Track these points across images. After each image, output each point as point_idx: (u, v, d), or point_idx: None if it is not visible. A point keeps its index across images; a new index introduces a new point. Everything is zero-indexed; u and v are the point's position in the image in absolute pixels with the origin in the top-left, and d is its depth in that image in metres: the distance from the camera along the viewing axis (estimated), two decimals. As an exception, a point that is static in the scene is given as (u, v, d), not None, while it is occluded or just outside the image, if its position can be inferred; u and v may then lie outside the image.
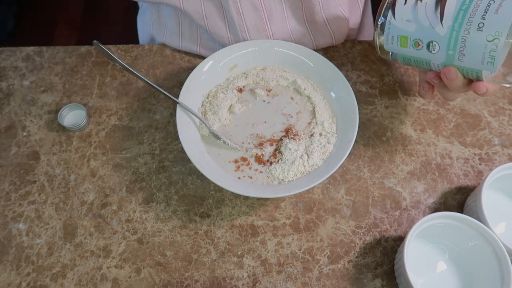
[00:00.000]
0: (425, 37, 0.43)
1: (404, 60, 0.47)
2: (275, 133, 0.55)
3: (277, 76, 0.59)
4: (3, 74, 0.63)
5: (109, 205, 0.52)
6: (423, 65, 0.46)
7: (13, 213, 0.52)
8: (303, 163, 0.51)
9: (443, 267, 0.48)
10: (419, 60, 0.45)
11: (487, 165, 0.56)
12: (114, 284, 0.48)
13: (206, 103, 0.56)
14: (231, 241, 0.50)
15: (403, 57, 0.47)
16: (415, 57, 0.45)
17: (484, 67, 0.40)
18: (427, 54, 0.44)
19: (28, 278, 0.48)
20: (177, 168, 0.55)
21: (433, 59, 0.43)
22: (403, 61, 0.47)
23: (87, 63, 0.64)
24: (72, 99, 0.60)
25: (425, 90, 0.50)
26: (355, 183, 0.54)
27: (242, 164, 0.52)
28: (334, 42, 0.64)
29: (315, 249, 0.50)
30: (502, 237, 0.44)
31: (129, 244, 0.50)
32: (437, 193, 0.54)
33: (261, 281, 0.48)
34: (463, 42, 0.40)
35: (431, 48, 0.43)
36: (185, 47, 0.65)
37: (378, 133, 0.58)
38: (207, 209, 0.52)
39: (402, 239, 0.51)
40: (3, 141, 0.57)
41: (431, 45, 0.43)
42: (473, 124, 0.59)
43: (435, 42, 0.42)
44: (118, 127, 0.58)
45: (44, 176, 0.54)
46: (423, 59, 0.45)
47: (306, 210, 0.52)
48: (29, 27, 1.56)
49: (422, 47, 0.43)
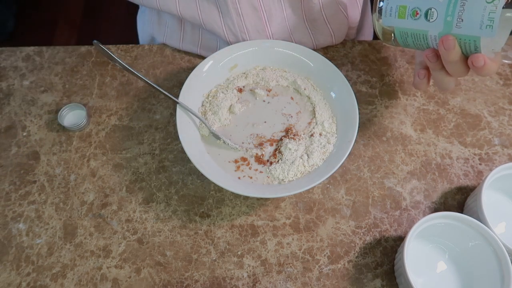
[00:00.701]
0: (424, 4, 0.42)
1: (402, 36, 0.46)
2: (275, 133, 0.55)
3: (277, 76, 0.59)
4: (3, 74, 0.63)
5: (109, 205, 0.52)
6: (420, 40, 0.45)
7: (13, 213, 0.52)
8: (303, 163, 0.51)
9: (443, 267, 0.48)
10: (416, 34, 0.44)
11: (487, 165, 0.56)
12: (114, 284, 0.48)
13: (206, 103, 0.56)
14: (231, 241, 0.50)
15: (401, 32, 0.46)
16: (413, 30, 0.44)
17: (482, 32, 0.39)
18: (425, 24, 0.43)
19: (28, 278, 0.48)
20: (177, 168, 0.55)
21: (431, 29, 0.43)
22: (401, 38, 0.46)
23: (87, 63, 0.64)
24: (72, 99, 0.60)
25: (420, 78, 0.48)
26: (355, 183, 0.54)
27: (242, 164, 0.52)
28: (334, 41, 0.64)
29: (315, 249, 0.50)
30: (502, 237, 0.44)
31: (129, 244, 0.50)
32: (437, 193, 0.54)
33: (261, 281, 0.48)
34: (462, 6, 0.39)
35: (429, 16, 0.42)
36: (186, 47, 0.65)
37: (378, 133, 0.58)
38: (207, 209, 0.52)
39: (402, 239, 0.51)
40: (3, 141, 0.57)
41: (429, 12, 0.42)
42: (473, 124, 0.59)
43: (434, 9, 0.41)
44: (118, 127, 0.58)
45: (44, 176, 0.54)
46: (421, 31, 0.44)
47: (306, 210, 0.52)
48: (29, 27, 1.56)
49: (420, 16, 0.43)
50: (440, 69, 0.45)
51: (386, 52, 0.65)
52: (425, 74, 0.48)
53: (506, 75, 0.63)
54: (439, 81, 0.46)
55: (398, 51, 0.65)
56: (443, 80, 0.46)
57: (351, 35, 0.71)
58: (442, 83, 0.46)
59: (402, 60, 0.65)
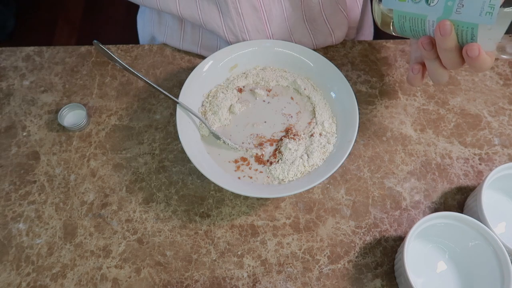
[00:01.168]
0: None
1: (399, 20, 0.45)
2: (275, 133, 0.55)
3: (277, 76, 0.59)
4: (3, 74, 0.63)
5: (109, 205, 0.52)
6: (417, 26, 0.44)
7: (13, 213, 0.52)
8: (303, 163, 0.51)
9: (443, 267, 0.48)
10: (414, 19, 0.44)
11: (487, 165, 0.56)
12: (114, 284, 0.48)
13: (206, 103, 0.56)
14: (231, 241, 0.50)
15: (399, 16, 0.45)
16: (412, 14, 0.43)
17: (482, 19, 0.38)
18: (425, 8, 0.42)
19: (28, 278, 0.48)
20: (177, 168, 0.55)
21: (430, 13, 0.42)
22: (398, 22, 0.46)
23: (87, 63, 0.64)
24: (72, 99, 0.60)
25: (414, 73, 0.47)
26: (355, 183, 0.54)
27: (242, 164, 0.52)
28: (334, 41, 0.64)
29: (315, 249, 0.50)
30: (502, 237, 0.44)
31: (129, 244, 0.50)
32: (437, 193, 0.54)
33: (261, 281, 0.48)
34: None
35: (430, 0, 0.41)
36: (186, 47, 0.65)
37: (378, 133, 0.58)
38: (207, 209, 0.52)
39: (402, 239, 0.51)
40: (3, 141, 0.57)
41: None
42: (473, 124, 0.59)
43: None
44: (118, 127, 0.58)
45: (44, 176, 0.54)
46: (419, 15, 0.43)
47: (306, 210, 0.52)
48: (29, 27, 1.56)
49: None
50: (435, 59, 0.44)
51: (386, 52, 0.65)
52: (419, 69, 0.47)
53: (506, 75, 0.63)
54: (433, 71, 0.45)
55: (398, 51, 0.65)
56: (437, 71, 0.45)
57: (351, 35, 0.71)
58: (436, 74, 0.45)
59: (402, 60, 0.65)
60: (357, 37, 0.76)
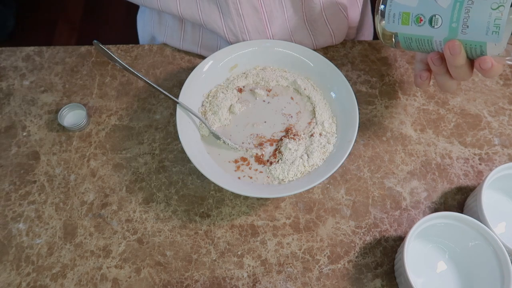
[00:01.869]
0: (427, 11, 0.42)
1: (405, 41, 0.46)
2: (275, 133, 0.55)
3: (277, 76, 0.59)
4: (3, 74, 0.63)
5: (109, 205, 0.52)
6: (424, 45, 0.44)
7: (13, 213, 0.52)
8: (303, 163, 0.51)
9: (443, 267, 0.48)
10: (420, 39, 0.44)
11: (487, 165, 0.56)
12: (114, 284, 0.48)
13: (206, 103, 0.56)
14: (231, 241, 0.50)
15: (404, 37, 0.45)
16: (417, 36, 0.44)
17: (488, 38, 0.39)
18: (429, 30, 0.42)
19: (28, 278, 0.48)
20: (177, 168, 0.55)
21: (436, 34, 0.42)
22: (404, 42, 0.46)
23: (87, 63, 0.64)
24: (72, 99, 0.60)
25: (423, 80, 0.48)
26: (355, 183, 0.54)
27: (242, 164, 0.52)
28: (334, 41, 0.64)
29: (315, 249, 0.50)
30: (502, 237, 0.44)
31: (129, 244, 0.50)
32: (437, 193, 0.54)
33: (261, 281, 0.48)
34: (467, 13, 0.39)
35: (433, 23, 0.42)
36: (186, 47, 0.65)
37: (378, 133, 0.58)
38: (207, 209, 0.52)
39: (402, 239, 0.51)
40: (3, 141, 0.57)
41: (434, 19, 0.41)
42: (473, 124, 0.59)
43: (438, 16, 0.41)
44: (118, 127, 0.58)
45: (44, 176, 0.54)
46: (425, 36, 0.43)
47: (306, 210, 0.52)
48: (29, 27, 1.56)
49: (424, 22, 0.42)
50: (445, 73, 0.45)
51: (386, 52, 0.65)
52: (427, 76, 0.48)
53: (506, 75, 0.63)
54: (443, 84, 0.46)
55: (398, 51, 0.65)
56: (447, 83, 0.46)
57: (351, 35, 0.71)
58: (445, 86, 0.46)
59: (402, 60, 0.65)
60: (357, 37, 0.76)
